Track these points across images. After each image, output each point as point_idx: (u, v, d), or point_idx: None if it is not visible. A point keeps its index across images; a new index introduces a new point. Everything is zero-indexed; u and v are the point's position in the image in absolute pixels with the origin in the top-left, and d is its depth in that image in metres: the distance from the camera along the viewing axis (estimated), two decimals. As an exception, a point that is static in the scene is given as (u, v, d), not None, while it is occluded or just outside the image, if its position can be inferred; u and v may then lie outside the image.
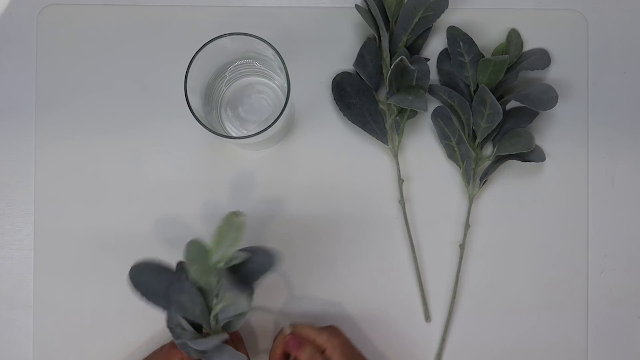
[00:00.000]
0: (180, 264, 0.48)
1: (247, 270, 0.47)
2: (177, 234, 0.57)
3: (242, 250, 0.47)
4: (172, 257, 0.48)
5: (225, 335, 0.47)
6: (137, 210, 0.58)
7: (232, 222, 0.46)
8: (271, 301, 0.57)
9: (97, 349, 0.57)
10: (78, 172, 0.58)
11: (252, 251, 0.47)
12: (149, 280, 0.46)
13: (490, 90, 0.54)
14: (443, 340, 0.57)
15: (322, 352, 0.49)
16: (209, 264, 0.46)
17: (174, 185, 0.58)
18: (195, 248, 0.46)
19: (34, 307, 0.57)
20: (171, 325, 0.48)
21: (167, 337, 0.50)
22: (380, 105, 0.57)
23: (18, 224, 0.58)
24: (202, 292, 0.46)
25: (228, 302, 0.46)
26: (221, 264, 0.46)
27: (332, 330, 0.50)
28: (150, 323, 0.56)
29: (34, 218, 0.58)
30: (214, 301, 0.47)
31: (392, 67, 0.52)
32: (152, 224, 0.57)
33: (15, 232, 0.58)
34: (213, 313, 0.47)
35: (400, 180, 0.57)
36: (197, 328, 0.48)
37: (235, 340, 0.51)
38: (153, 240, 0.57)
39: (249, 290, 0.46)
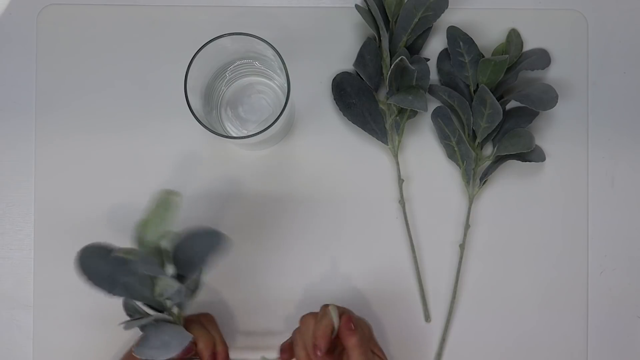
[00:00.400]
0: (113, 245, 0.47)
1: (192, 252, 0.45)
2: (177, 234, 0.57)
3: (189, 231, 0.46)
4: (172, 257, 0.48)
5: (164, 315, 0.46)
6: (137, 210, 0.57)
7: (163, 200, 0.44)
8: (271, 300, 0.57)
9: (97, 349, 0.57)
10: (78, 172, 0.58)
11: (198, 234, 0.45)
12: (96, 263, 0.45)
13: (490, 90, 0.54)
14: (443, 340, 0.57)
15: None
16: (146, 243, 0.45)
17: (174, 186, 0.57)
18: (137, 227, 0.45)
19: (34, 307, 0.57)
20: (129, 312, 0.47)
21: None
22: (380, 105, 0.57)
23: (18, 224, 0.58)
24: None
25: (162, 284, 0.45)
26: (157, 242, 0.44)
27: (366, 322, 0.51)
28: (150, 323, 0.56)
29: (34, 218, 0.58)
30: (162, 283, 0.46)
31: (392, 67, 0.52)
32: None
33: (15, 232, 0.58)
34: (156, 294, 0.46)
35: (400, 180, 0.57)
36: (159, 311, 0.47)
37: (205, 321, 0.51)
38: (153, 240, 0.57)
39: (186, 271, 0.44)
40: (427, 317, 0.57)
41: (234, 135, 0.55)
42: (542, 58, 0.58)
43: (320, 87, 0.58)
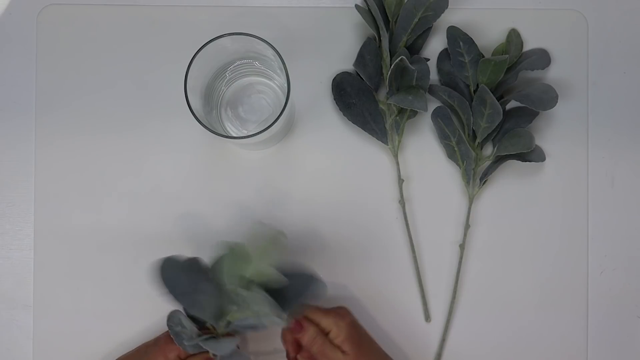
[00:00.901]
0: (194, 260, 0.47)
1: (285, 291, 0.46)
2: (176, 233, 0.57)
3: (286, 272, 0.46)
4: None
5: (237, 340, 0.47)
6: (136, 210, 0.58)
7: (277, 241, 0.45)
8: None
9: (97, 349, 0.57)
10: (78, 172, 0.58)
11: (294, 275, 0.47)
12: (177, 277, 0.46)
13: (490, 90, 0.54)
14: (443, 340, 0.57)
15: (327, 334, 0.50)
16: (243, 273, 0.45)
17: (174, 185, 0.58)
18: (235, 253, 0.45)
19: (34, 307, 0.57)
20: (171, 323, 0.47)
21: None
22: (380, 105, 0.57)
23: (18, 224, 0.58)
24: (222, 295, 0.46)
25: (252, 315, 0.46)
26: (256, 279, 0.45)
27: (339, 312, 0.51)
28: (150, 323, 0.56)
29: (34, 218, 0.58)
30: (234, 308, 0.46)
31: (392, 67, 0.52)
32: (152, 224, 0.57)
33: (15, 232, 0.58)
34: (228, 318, 0.47)
35: (400, 180, 0.57)
36: (197, 323, 0.48)
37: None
38: (152, 240, 0.57)
39: (283, 312, 0.45)
40: (427, 317, 0.57)
41: (234, 135, 0.55)
42: (542, 58, 0.58)
43: (320, 87, 0.58)
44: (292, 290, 0.46)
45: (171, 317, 0.48)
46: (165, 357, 0.49)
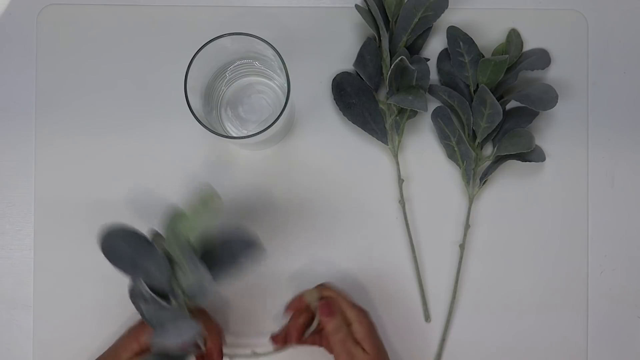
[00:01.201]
0: (154, 232, 0.47)
1: (226, 253, 0.46)
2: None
3: (224, 235, 0.46)
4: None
5: (184, 309, 0.47)
6: (136, 211, 0.58)
7: (209, 202, 0.44)
8: (268, 301, 0.57)
9: (97, 349, 0.57)
10: (78, 173, 0.58)
11: (231, 239, 0.46)
12: (119, 245, 0.45)
13: (490, 90, 0.54)
14: (443, 340, 0.57)
15: (348, 325, 0.50)
16: (180, 233, 0.45)
17: (174, 186, 0.58)
18: (172, 214, 0.44)
19: (34, 307, 0.57)
20: (134, 297, 0.47)
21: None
22: (380, 105, 0.57)
23: (18, 224, 0.58)
24: (171, 262, 0.46)
25: (192, 278, 0.45)
26: (191, 238, 0.45)
27: (363, 310, 0.51)
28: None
29: (34, 218, 0.58)
30: (180, 275, 0.46)
31: (392, 67, 0.52)
32: (152, 224, 0.57)
33: (15, 232, 0.58)
34: (178, 285, 0.46)
35: (400, 180, 0.57)
36: (164, 298, 0.47)
37: (202, 314, 0.52)
38: (153, 240, 0.57)
39: (215, 273, 0.45)
40: (427, 317, 0.57)
41: (234, 135, 0.55)
42: (542, 58, 0.58)
43: (320, 87, 0.58)
44: (228, 254, 0.46)
45: (133, 290, 0.47)
46: (137, 340, 0.49)
